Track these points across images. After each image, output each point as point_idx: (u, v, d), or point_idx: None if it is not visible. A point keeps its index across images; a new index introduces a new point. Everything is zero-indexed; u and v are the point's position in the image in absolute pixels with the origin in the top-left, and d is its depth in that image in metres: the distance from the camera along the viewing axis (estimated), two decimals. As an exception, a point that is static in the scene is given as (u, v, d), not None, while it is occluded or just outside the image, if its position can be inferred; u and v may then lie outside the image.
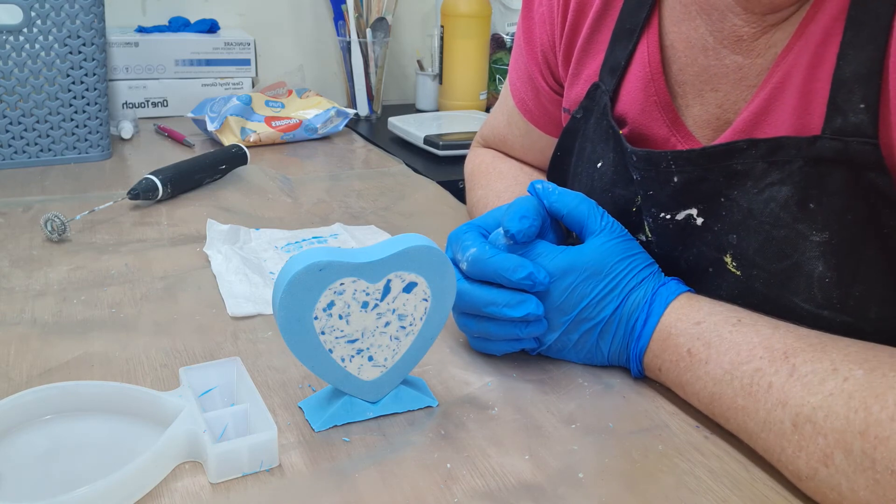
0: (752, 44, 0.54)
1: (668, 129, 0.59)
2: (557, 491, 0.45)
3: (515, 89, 0.79)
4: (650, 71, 0.60)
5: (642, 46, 0.61)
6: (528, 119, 0.79)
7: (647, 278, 0.55)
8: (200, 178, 0.96)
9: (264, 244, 0.79)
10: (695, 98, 0.59)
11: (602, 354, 0.56)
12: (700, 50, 0.57)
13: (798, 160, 0.50)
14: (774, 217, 0.51)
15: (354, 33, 1.43)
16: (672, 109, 0.59)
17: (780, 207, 0.51)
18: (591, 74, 0.66)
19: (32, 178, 0.99)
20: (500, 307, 0.53)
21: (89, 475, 0.44)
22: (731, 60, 0.56)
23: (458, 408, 0.53)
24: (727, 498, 0.45)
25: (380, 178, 1.06)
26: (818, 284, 0.50)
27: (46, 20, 0.99)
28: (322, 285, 0.46)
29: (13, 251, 0.76)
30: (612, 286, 0.54)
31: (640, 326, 0.54)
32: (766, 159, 0.51)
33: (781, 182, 0.51)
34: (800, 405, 0.44)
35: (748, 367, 0.47)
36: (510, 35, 1.55)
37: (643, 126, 0.61)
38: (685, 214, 0.57)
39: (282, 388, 0.54)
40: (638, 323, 0.54)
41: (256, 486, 0.44)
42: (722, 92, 0.57)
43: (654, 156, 0.57)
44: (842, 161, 0.48)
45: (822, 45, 0.49)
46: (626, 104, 0.62)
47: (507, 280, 0.52)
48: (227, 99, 1.19)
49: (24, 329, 0.61)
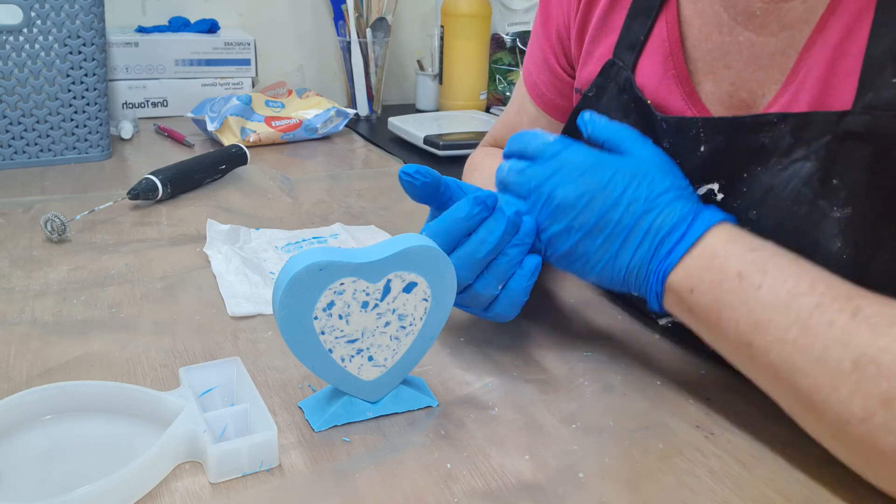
0: (765, 20, 0.55)
1: (684, 102, 0.60)
2: (557, 491, 0.45)
3: (528, 74, 0.80)
4: (669, 46, 0.61)
5: (661, 22, 0.62)
6: (539, 104, 0.79)
7: (686, 197, 0.53)
8: (200, 178, 0.96)
9: (264, 244, 0.79)
10: (707, 75, 0.59)
11: (619, 270, 0.53)
12: (715, 26, 0.58)
13: (826, 135, 0.50)
14: (796, 193, 0.52)
15: (354, 33, 1.43)
16: (689, 84, 0.60)
17: (803, 183, 0.51)
18: (604, 53, 0.67)
19: (32, 178, 0.99)
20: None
21: (89, 475, 0.44)
22: (745, 37, 0.56)
23: (458, 408, 0.53)
24: (727, 498, 0.45)
25: (380, 178, 1.06)
26: (835, 262, 0.50)
27: (46, 20, 0.99)
28: (322, 285, 0.45)
29: (13, 251, 0.76)
30: (648, 193, 0.52)
31: (674, 242, 0.51)
32: (794, 134, 0.52)
33: (805, 158, 0.51)
34: (864, 346, 0.42)
35: (808, 300, 0.45)
36: (510, 35, 1.55)
37: (660, 99, 0.61)
38: (706, 189, 0.56)
39: (282, 388, 0.54)
40: (670, 237, 0.51)
41: (256, 486, 0.44)
42: (734, 69, 0.57)
43: (686, 122, 0.57)
44: (871, 135, 0.48)
45: (849, 33, 0.50)
46: (644, 79, 0.63)
47: (461, 219, 0.53)
48: (227, 99, 1.19)
49: (24, 329, 0.61)
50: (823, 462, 0.47)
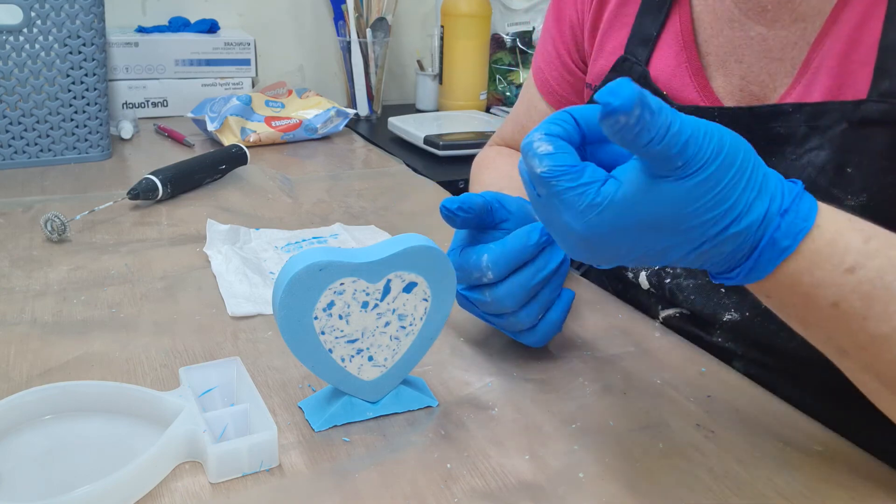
0: (776, 13, 0.55)
1: (698, 95, 0.60)
2: (557, 491, 0.45)
3: (539, 72, 0.80)
4: (682, 40, 0.61)
5: (674, 17, 0.62)
6: (550, 101, 0.79)
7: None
8: (200, 178, 0.96)
9: (264, 244, 0.79)
10: (718, 69, 0.60)
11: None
12: (726, 21, 0.59)
13: (841, 123, 0.51)
14: (810, 182, 0.52)
15: (354, 33, 1.43)
16: (703, 76, 0.60)
17: (818, 172, 0.52)
18: (616, 48, 0.67)
19: (32, 178, 0.99)
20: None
21: (89, 475, 0.44)
22: (756, 32, 0.57)
23: (458, 408, 0.53)
24: (727, 498, 0.45)
25: (380, 178, 1.06)
26: None
27: (46, 20, 0.99)
28: (322, 285, 0.45)
29: (13, 251, 0.76)
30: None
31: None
32: (809, 123, 0.52)
33: (820, 147, 0.52)
34: None
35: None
36: (510, 35, 1.55)
37: (674, 92, 0.62)
38: None
39: (282, 388, 0.54)
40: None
41: (256, 486, 0.44)
42: (746, 63, 0.58)
43: (702, 112, 0.58)
44: (887, 122, 0.49)
45: (862, 23, 0.50)
46: (657, 73, 0.63)
47: (529, 246, 0.51)
48: (227, 99, 1.19)
49: (24, 329, 0.61)
50: (823, 462, 0.47)
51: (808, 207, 0.40)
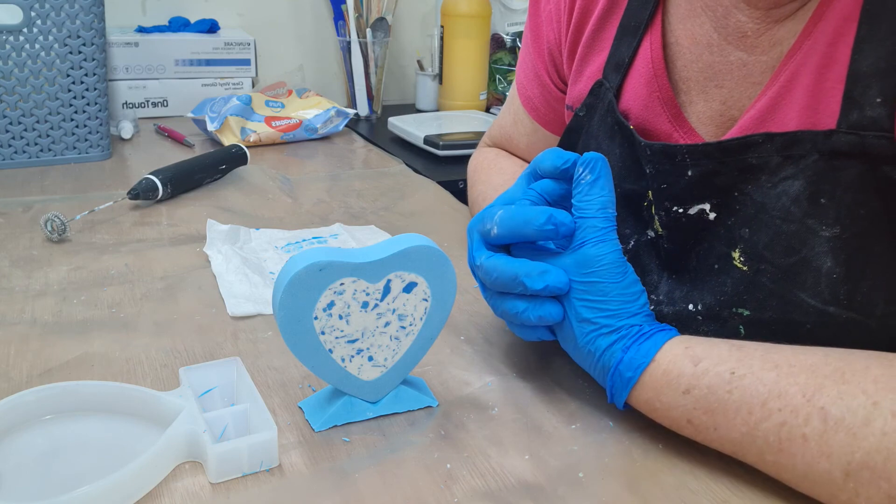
0: (756, 40, 0.55)
1: (670, 124, 0.59)
2: (557, 491, 0.45)
3: (522, 87, 0.80)
4: (653, 68, 0.60)
5: (646, 43, 0.61)
6: (534, 118, 0.79)
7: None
8: (200, 178, 0.96)
9: (264, 244, 0.79)
10: (699, 94, 0.59)
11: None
12: (705, 46, 0.58)
13: (813, 154, 0.50)
14: (785, 211, 0.51)
15: (354, 33, 1.43)
16: (675, 105, 0.59)
17: (792, 202, 0.51)
18: (595, 72, 0.66)
19: (32, 178, 0.99)
20: (521, 277, 0.50)
21: (89, 475, 0.44)
22: (736, 57, 0.56)
23: (458, 408, 0.53)
24: (727, 498, 0.45)
25: (380, 178, 1.06)
26: (826, 280, 0.50)
27: (46, 20, 0.99)
28: (322, 285, 0.46)
29: (13, 251, 0.76)
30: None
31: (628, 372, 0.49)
32: (782, 153, 0.52)
33: (794, 176, 0.51)
34: (849, 454, 0.40)
35: (768, 425, 0.43)
36: (510, 35, 1.55)
37: (646, 122, 0.61)
38: (698, 209, 0.56)
39: (282, 388, 0.54)
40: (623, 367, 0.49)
41: (256, 486, 0.44)
42: (726, 88, 0.57)
43: (670, 149, 0.57)
44: (857, 155, 0.48)
45: (833, 43, 0.50)
46: (630, 100, 0.62)
47: (534, 228, 0.49)
48: (227, 99, 1.19)
49: (24, 329, 0.61)
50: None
51: (650, 347, 0.48)
